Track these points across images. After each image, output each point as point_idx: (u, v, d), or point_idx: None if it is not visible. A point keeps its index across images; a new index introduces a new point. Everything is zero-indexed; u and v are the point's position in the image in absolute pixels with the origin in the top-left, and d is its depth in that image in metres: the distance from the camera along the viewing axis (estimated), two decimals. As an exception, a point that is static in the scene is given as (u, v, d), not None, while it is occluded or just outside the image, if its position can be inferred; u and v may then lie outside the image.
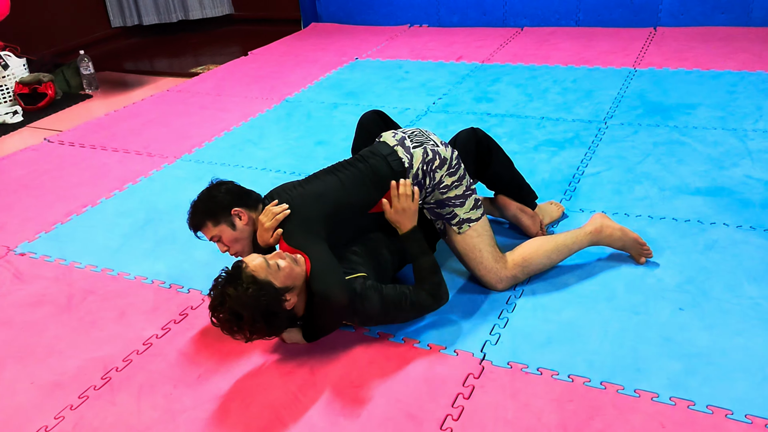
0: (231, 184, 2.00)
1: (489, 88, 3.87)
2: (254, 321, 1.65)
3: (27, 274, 2.41)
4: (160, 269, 2.36)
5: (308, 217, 1.86)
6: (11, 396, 1.83)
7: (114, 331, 2.05)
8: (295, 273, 1.74)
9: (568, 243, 2.09)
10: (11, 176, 3.26)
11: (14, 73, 4.27)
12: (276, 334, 1.78)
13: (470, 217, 2.01)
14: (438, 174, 1.98)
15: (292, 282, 1.73)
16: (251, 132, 3.54)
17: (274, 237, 1.87)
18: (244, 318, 1.65)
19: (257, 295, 1.65)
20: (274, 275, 1.70)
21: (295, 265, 1.75)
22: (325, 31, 5.56)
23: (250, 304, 1.64)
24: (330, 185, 1.94)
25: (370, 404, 1.68)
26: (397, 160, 1.96)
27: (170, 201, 2.84)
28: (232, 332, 1.69)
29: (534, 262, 2.06)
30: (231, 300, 1.64)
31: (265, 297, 1.66)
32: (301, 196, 1.91)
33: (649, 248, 2.12)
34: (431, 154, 1.98)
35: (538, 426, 1.57)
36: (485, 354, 1.81)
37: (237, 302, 1.64)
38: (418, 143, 2.00)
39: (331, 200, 1.90)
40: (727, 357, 1.72)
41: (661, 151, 2.89)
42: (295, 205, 1.88)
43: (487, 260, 2.02)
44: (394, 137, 2.04)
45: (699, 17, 4.58)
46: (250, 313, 1.64)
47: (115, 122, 3.89)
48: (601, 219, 2.12)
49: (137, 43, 5.97)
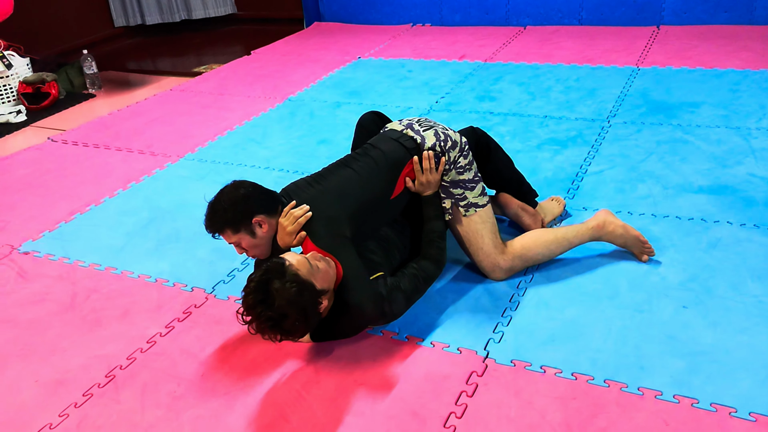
0: (251, 188, 1.86)
1: (492, 86, 3.86)
2: (296, 321, 1.60)
3: (31, 272, 2.42)
4: (163, 268, 2.36)
5: (333, 217, 1.82)
6: (16, 394, 1.84)
7: (118, 330, 2.06)
8: (329, 276, 1.72)
9: (568, 236, 2.09)
10: (15, 175, 3.27)
11: (18, 73, 4.27)
12: (302, 336, 1.73)
13: (477, 202, 2.03)
14: (452, 154, 2.00)
15: (327, 285, 1.71)
16: (254, 131, 3.55)
17: (297, 240, 1.82)
18: (288, 316, 1.59)
19: (300, 295, 1.60)
20: (315, 276, 1.67)
21: (329, 268, 1.73)
22: (327, 30, 5.56)
23: (294, 302, 1.59)
24: (348, 180, 1.90)
25: (374, 402, 1.68)
26: (410, 139, 1.99)
27: (174, 200, 2.84)
28: (270, 331, 1.62)
29: (533, 253, 2.07)
30: (278, 296, 1.58)
31: (307, 297, 1.62)
32: (322, 194, 1.86)
33: (651, 247, 2.12)
34: (443, 135, 2.01)
35: (542, 424, 1.57)
36: (489, 352, 1.81)
37: (283, 299, 1.58)
38: (428, 127, 2.03)
39: (353, 197, 1.87)
40: (730, 355, 1.72)
41: (664, 150, 2.88)
42: (316, 206, 1.83)
43: (487, 246, 2.04)
44: (401, 123, 2.06)
45: (702, 16, 4.57)
46: (294, 312, 1.60)
47: (118, 121, 3.89)
48: (605, 215, 2.13)
49: (140, 43, 5.98)
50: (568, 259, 2.18)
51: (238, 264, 2.33)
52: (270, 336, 1.64)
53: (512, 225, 2.38)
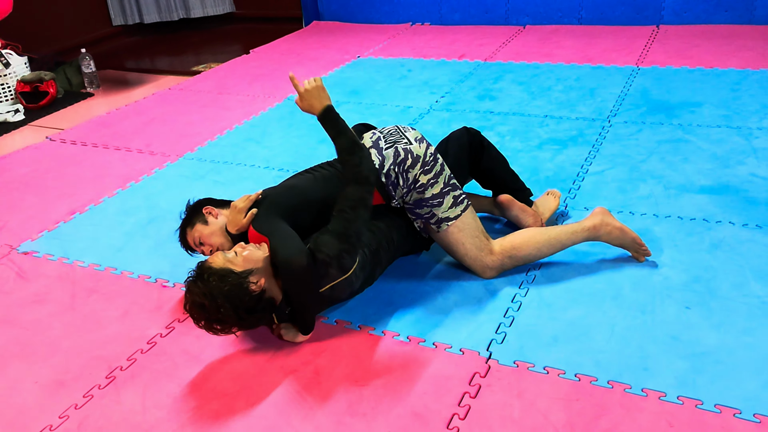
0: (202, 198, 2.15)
1: (492, 86, 3.86)
2: (218, 307, 1.67)
3: (30, 272, 2.40)
4: (163, 268, 2.35)
5: (277, 202, 1.99)
6: (15, 395, 1.82)
7: (118, 330, 2.04)
8: (255, 256, 1.78)
9: (561, 238, 2.08)
10: (13, 175, 3.25)
11: (16, 72, 4.26)
12: (257, 321, 1.79)
13: (449, 216, 2.03)
14: (412, 173, 2.00)
15: (253, 264, 1.76)
16: (253, 130, 3.53)
17: (248, 218, 1.96)
18: (206, 306, 1.68)
19: (219, 284, 1.68)
20: (232, 261, 1.74)
21: (255, 249, 1.80)
22: (326, 29, 5.55)
23: (212, 293, 1.67)
24: (303, 180, 2.09)
25: (376, 403, 1.67)
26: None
27: (173, 199, 2.83)
28: (219, 326, 1.71)
29: (523, 252, 2.07)
30: (205, 295, 1.67)
31: (228, 283, 1.69)
32: (276, 187, 2.09)
33: (647, 248, 2.11)
34: (403, 153, 2.01)
35: (546, 425, 1.57)
36: (491, 353, 1.80)
37: (198, 295, 1.68)
38: (391, 143, 2.04)
39: (300, 192, 2.03)
40: (734, 356, 1.71)
41: (665, 150, 2.88)
42: (267, 192, 2.04)
43: (471, 251, 2.06)
44: (371, 138, 2.09)
45: (702, 15, 4.57)
46: (212, 300, 1.67)
47: (116, 120, 3.88)
48: (602, 216, 2.09)
49: (138, 42, 5.96)
50: (570, 259, 2.17)
51: (238, 264, 2.32)
52: (226, 331, 1.74)
53: (509, 225, 2.36)
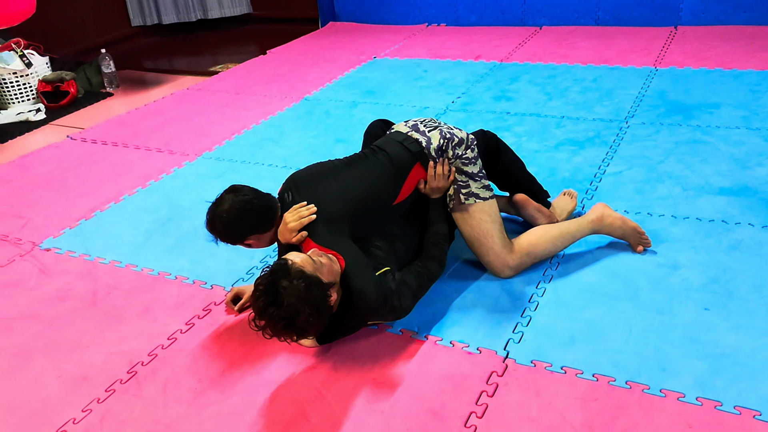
0: (246, 206, 1.89)
1: (508, 87, 3.86)
2: (309, 317, 1.59)
3: (52, 269, 2.44)
4: (183, 265, 2.38)
5: (333, 216, 1.86)
6: (40, 389, 1.86)
7: (138, 326, 2.07)
8: (334, 269, 1.73)
9: (571, 230, 2.15)
10: (35, 173, 3.30)
11: (37, 72, 4.32)
12: (318, 333, 1.74)
13: (479, 193, 2.06)
14: (459, 149, 2.05)
15: (333, 278, 1.71)
16: (271, 130, 3.56)
17: (297, 238, 1.85)
18: (300, 313, 1.57)
19: (309, 290, 1.59)
20: (320, 270, 1.67)
21: (332, 263, 1.74)
22: (342, 30, 5.57)
23: (304, 298, 1.58)
24: (353, 181, 1.94)
25: (394, 401, 1.69)
26: (414, 142, 2.03)
27: (192, 198, 2.86)
28: (285, 331, 1.60)
29: (540, 249, 2.11)
30: (287, 295, 1.57)
31: (317, 292, 1.61)
32: (326, 194, 1.90)
33: (647, 237, 2.17)
34: (449, 134, 2.05)
35: (563, 424, 1.57)
36: (508, 352, 1.81)
37: (293, 297, 1.57)
38: (433, 127, 2.07)
39: (355, 199, 1.92)
40: (754, 357, 1.71)
41: (683, 151, 2.86)
42: (319, 205, 1.86)
43: (497, 245, 2.07)
44: (407, 125, 2.11)
45: (720, 16, 4.54)
46: (305, 308, 1.58)
47: (136, 120, 3.92)
48: (602, 208, 2.18)
49: (157, 42, 6.01)
50: (587, 258, 2.18)
51: (257, 262, 2.34)
52: (285, 336, 1.63)
53: (525, 225, 2.36)
